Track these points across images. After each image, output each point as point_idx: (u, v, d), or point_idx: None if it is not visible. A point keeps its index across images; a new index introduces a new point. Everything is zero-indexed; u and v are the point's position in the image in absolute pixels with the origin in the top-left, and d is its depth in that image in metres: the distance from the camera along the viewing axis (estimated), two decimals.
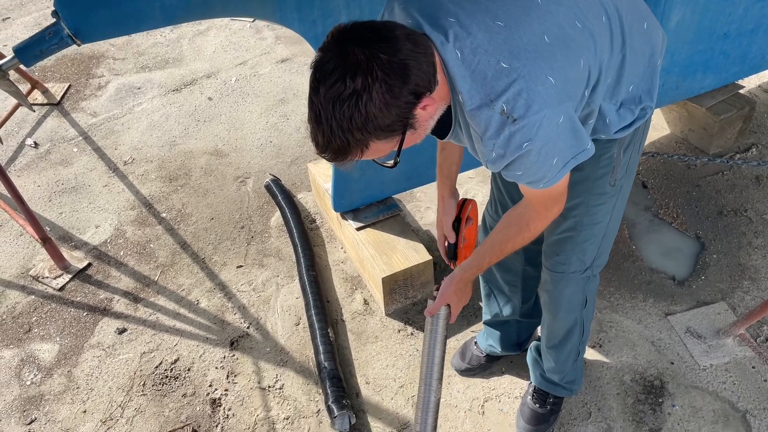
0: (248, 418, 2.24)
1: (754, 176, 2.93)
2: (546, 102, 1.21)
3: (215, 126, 3.49)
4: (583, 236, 1.72)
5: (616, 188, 1.65)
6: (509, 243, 1.57)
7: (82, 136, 3.47)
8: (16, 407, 2.32)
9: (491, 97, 1.21)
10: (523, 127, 1.21)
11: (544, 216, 1.49)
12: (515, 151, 1.25)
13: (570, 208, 1.66)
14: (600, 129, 1.49)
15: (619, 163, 1.60)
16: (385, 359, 2.39)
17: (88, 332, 2.54)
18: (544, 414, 2.12)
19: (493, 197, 1.93)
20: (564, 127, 1.26)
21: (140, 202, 3.08)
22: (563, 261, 1.78)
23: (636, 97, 1.49)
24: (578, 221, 1.69)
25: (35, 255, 2.85)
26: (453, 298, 1.66)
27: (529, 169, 1.30)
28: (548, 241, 1.80)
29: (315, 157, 3.24)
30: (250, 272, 2.73)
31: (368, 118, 1.12)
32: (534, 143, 1.23)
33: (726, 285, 2.53)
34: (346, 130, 1.12)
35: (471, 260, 1.64)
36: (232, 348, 2.45)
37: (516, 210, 1.54)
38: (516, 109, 1.20)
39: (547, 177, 1.32)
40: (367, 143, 1.16)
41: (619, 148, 1.57)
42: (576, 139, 1.29)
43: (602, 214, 1.69)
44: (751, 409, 2.16)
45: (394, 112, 1.14)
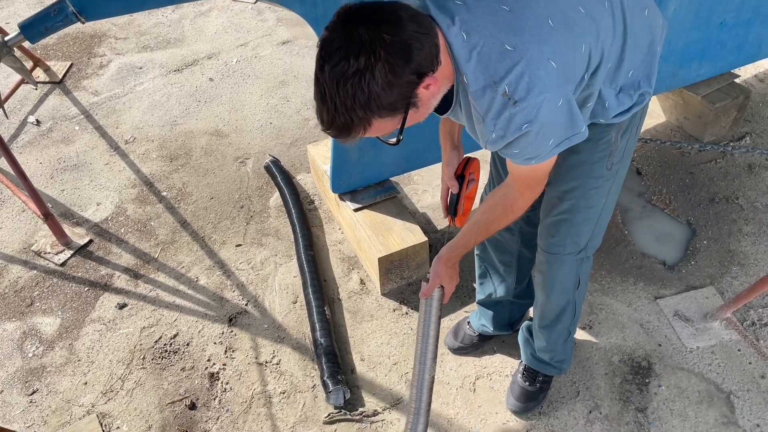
0: (245, 391, 2.30)
1: (746, 164, 2.97)
2: (547, 85, 1.25)
3: (216, 107, 3.52)
4: (579, 219, 1.76)
5: (612, 172, 1.69)
6: (494, 223, 1.62)
7: (84, 114, 3.50)
8: (19, 378, 2.38)
9: (495, 79, 1.24)
10: (523, 109, 1.25)
11: (527, 196, 1.54)
12: (515, 132, 1.29)
13: (567, 190, 1.71)
14: (599, 113, 1.52)
15: (617, 148, 1.64)
16: (380, 337, 2.44)
17: (89, 307, 2.59)
18: (533, 392, 2.17)
19: (491, 178, 1.96)
20: (562, 110, 1.30)
21: (141, 181, 3.12)
22: (558, 243, 1.83)
23: (635, 83, 1.52)
24: (574, 204, 1.73)
25: (37, 231, 2.89)
26: (444, 278, 1.70)
27: (526, 148, 1.34)
28: (544, 223, 1.84)
29: (314, 138, 3.27)
30: (248, 251, 2.78)
31: (371, 97, 1.16)
32: (533, 125, 1.28)
33: (715, 270, 2.58)
34: (350, 108, 1.17)
35: (457, 240, 1.68)
36: (231, 324, 2.50)
37: (499, 191, 1.59)
38: (518, 91, 1.24)
39: (540, 155, 1.37)
40: (370, 121, 1.20)
41: (617, 132, 1.61)
42: (572, 121, 1.34)
43: (598, 197, 1.73)
44: (735, 390, 2.21)
45: (397, 91, 1.18)
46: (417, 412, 1.78)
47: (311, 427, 2.19)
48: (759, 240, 2.67)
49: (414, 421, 1.79)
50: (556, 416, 2.18)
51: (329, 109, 1.18)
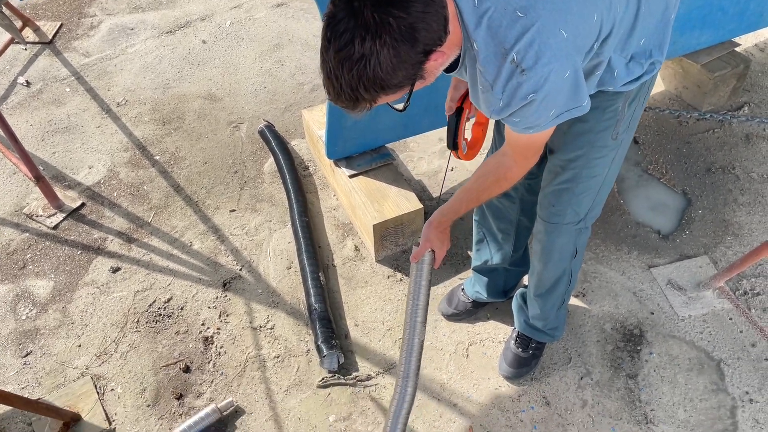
0: (240, 355, 2.31)
1: (744, 134, 2.96)
2: (556, 55, 1.23)
3: (209, 70, 3.46)
4: (581, 188, 1.74)
5: (617, 142, 1.67)
6: (487, 191, 1.61)
7: (75, 76, 3.44)
8: (12, 340, 2.37)
9: (505, 45, 1.22)
10: (530, 78, 1.23)
11: (521, 164, 1.53)
12: (520, 101, 1.27)
13: (570, 159, 1.69)
14: (607, 81, 1.50)
15: (623, 117, 1.61)
16: (374, 303, 2.45)
17: (83, 270, 2.58)
18: (526, 358, 2.19)
19: (494, 143, 1.94)
20: (568, 81, 1.28)
21: (133, 144, 3.08)
22: (559, 212, 1.81)
23: (647, 51, 1.49)
24: (577, 173, 1.71)
25: (29, 194, 2.86)
26: (435, 243, 1.70)
27: (527, 118, 1.33)
28: (545, 192, 1.83)
29: (309, 103, 3.23)
30: (242, 216, 2.76)
31: (376, 80, 1.15)
32: (538, 94, 1.26)
33: (709, 240, 2.58)
34: (355, 89, 1.16)
35: (449, 205, 1.67)
36: (225, 289, 2.50)
37: (494, 159, 1.58)
38: (526, 59, 1.22)
39: (539, 125, 1.36)
40: (375, 99, 1.21)
41: (624, 101, 1.58)
42: (576, 94, 1.32)
43: (601, 167, 1.71)
44: (726, 358, 2.24)
45: (402, 73, 1.17)
46: (406, 375, 1.78)
47: (305, 391, 2.21)
48: (754, 210, 2.67)
49: (403, 385, 1.79)
50: (547, 382, 2.20)
51: (335, 86, 1.18)
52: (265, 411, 2.16)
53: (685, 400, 2.15)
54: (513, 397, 2.17)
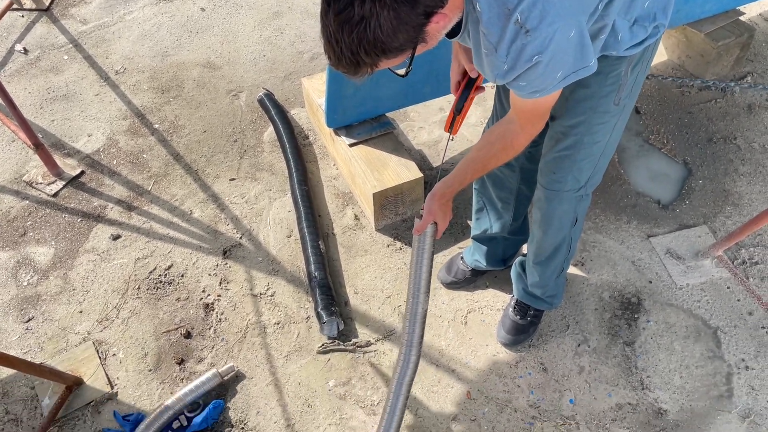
0: (240, 322, 2.33)
1: (746, 104, 2.94)
2: (560, 14, 1.21)
3: (208, 38, 3.43)
4: (582, 155, 1.73)
5: (619, 108, 1.65)
6: (492, 159, 1.60)
7: (72, 43, 3.41)
8: (14, 306, 2.39)
9: (508, 6, 1.20)
10: (535, 39, 1.21)
11: (528, 131, 1.51)
12: (525, 63, 1.25)
13: (572, 125, 1.67)
14: (611, 45, 1.48)
15: (626, 82, 1.60)
16: (374, 271, 2.46)
17: (83, 237, 2.59)
18: (524, 325, 2.21)
19: (495, 113, 1.93)
20: (573, 41, 1.26)
21: (132, 113, 3.06)
22: (559, 179, 1.81)
23: (651, 14, 1.47)
24: (579, 140, 1.70)
25: (28, 161, 2.86)
26: (438, 214, 1.69)
27: (533, 81, 1.31)
28: (546, 159, 1.82)
29: (309, 72, 3.21)
30: (242, 185, 2.76)
31: (376, 43, 1.14)
32: (544, 56, 1.24)
33: (709, 210, 2.58)
34: (355, 53, 1.15)
35: (452, 176, 1.66)
36: (225, 257, 2.51)
37: (499, 127, 1.56)
38: (530, 19, 1.20)
39: (546, 88, 1.34)
40: (376, 63, 1.19)
41: (627, 66, 1.56)
42: (582, 54, 1.30)
43: (603, 133, 1.70)
44: (722, 326, 2.26)
45: (403, 35, 1.15)
46: (410, 344, 1.81)
47: (305, 357, 2.23)
48: (754, 180, 2.67)
49: (407, 353, 1.82)
50: (545, 349, 2.22)
51: (335, 51, 1.17)
52: (266, 376, 2.19)
53: (681, 366, 2.17)
54: (511, 364, 2.19)
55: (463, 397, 2.12)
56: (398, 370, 1.82)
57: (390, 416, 1.83)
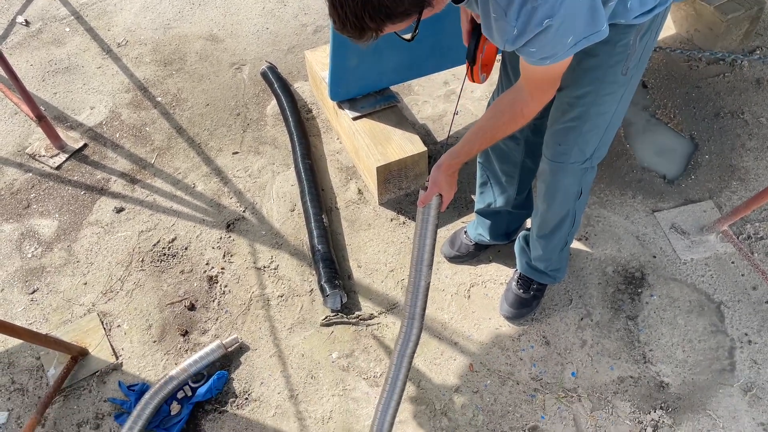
0: (244, 294, 2.33)
1: (755, 79, 2.91)
2: None
3: (210, 10, 3.39)
4: (588, 126, 1.71)
5: (627, 77, 1.63)
6: (500, 129, 1.57)
7: (74, 15, 3.38)
8: (19, 278, 2.40)
9: None
10: (546, 2, 1.19)
11: (538, 99, 1.49)
12: (535, 27, 1.23)
13: (579, 96, 1.65)
14: (619, 13, 1.45)
15: (634, 51, 1.57)
16: (377, 245, 2.46)
17: (87, 210, 2.59)
18: (527, 299, 2.21)
19: (500, 84, 1.91)
20: (585, 4, 1.24)
21: (135, 86, 3.04)
22: (565, 151, 1.79)
23: None
24: (585, 110, 1.68)
25: (31, 134, 2.85)
26: (444, 186, 1.67)
27: (544, 46, 1.29)
28: (552, 130, 1.79)
29: (312, 45, 3.18)
30: (245, 159, 2.75)
31: (381, 8, 1.13)
32: (554, 19, 1.22)
33: (715, 185, 2.57)
34: (360, 17, 1.14)
35: (460, 147, 1.64)
36: (229, 230, 2.51)
37: (508, 96, 1.53)
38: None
39: (557, 54, 1.31)
40: (381, 28, 1.18)
41: (636, 34, 1.54)
42: (593, 18, 1.27)
43: (610, 104, 1.68)
44: (726, 300, 2.25)
45: (408, 0, 1.14)
46: (411, 316, 1.81)
47: (308, 329, 2.24)
48: (761, 155, 2.64)
49: (408, 326, 1.82)
50: (548, 323, 2.23)
51: (340, 15, 1.16)
52: (269, 348, 2.20)
53: (684, 341, 2.17)
54: (513, 337, 2.20)
55: (466, 369, 2.13)
56: (400, 343, 1.82)
57: (391, 388, 1.84)
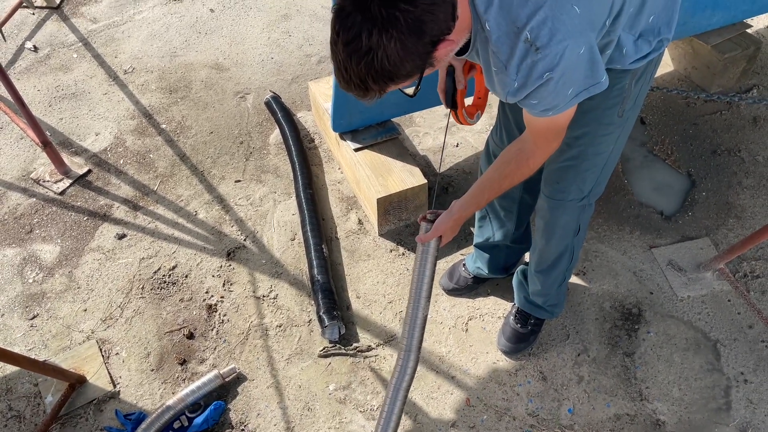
0: (242, 323, 2.34)
1: (751, 117, 2.95)
2: (570, 32, 1.22)
3: (216, 39, 3.45)
4: (586, 165, 1.75)
5: (623, 119, 1.67)
6: (508, 179, 1.60)
7: (82, 42, 3.43)
8: (19, 303, 2.41)
9: (517, 24, 1.22)
10: (546, 56, 1.23)
11: (544, 149, 1.52)
12: (536, 81, 1.26)
13: (576, 137, 1.69)
14: (616, 59, 1.49)
15: (630, 94, 1.61)
16: (376, 276, 2.47)
17: (89, 236, 2.61)
18: (524, 333, 2.22)
19: (499, 123, 1.94)
20: (584, 58, 1.27)
21: (140, 112, 3.08)
22: (563, 189, 1.82)
23: (656, 29, 1.48)
24: (582, 150, 1.71)
25: (36, 159, 2.88)
26: (447, 233, 1.71)
27: (545, 99, 1.32)
28: (550, 169, 1.83)
29: (316, 75, 3.23)
30: (248, 187, 2.78)
31: (383, 72, 1.17)
32: (554, 73, 1.25)
33: (711, 222, 2.59)
34: (364, 80, 1.19)
35: (469, 198, 1.67)
36: (229, 258, 2.53)
37: (515, 146, 1.57)
38: (540, 37, 1.21)
39: (558, 106, 1.35)
40: (384, 89, 1.22)
41: (631, 79, 1.58)
42: (593, 71, 1.31)
43: (606, 144, 1.71)
44: (722, 339, 2.26)
45: (410, 64, 1.18)
46: (408, 349, 1.82)
47: (306, 360, 2.24)
48: (758, 193, 2.67)
49: (405, 358, 1.83)
50: (545, 357, 2.23)
51: (345, 77, 1.20)
52: (267, 378, 2.20)
53: (681, 378, 2.18)
54: (510, 372, 2.20)
55: (463, 404, 2.13)
56: (396, 376, 1.83)
57: (386, 422, 1.84)
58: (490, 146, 2.01)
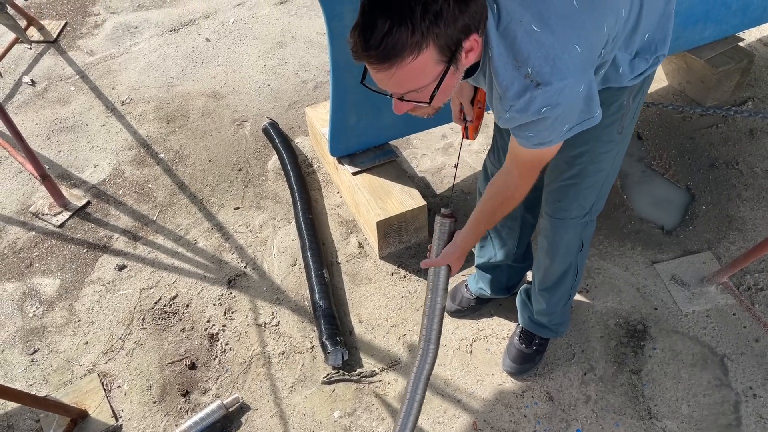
0: (245, 352, 2.32)
1: (747, 129, 2.96)
2: (570, 70, 1.24)
3: (213, 68, 3.47)
4: (587, 183, 1.76)
5: (622, 135, 1.68)
6: (498, 211, 1.64)
7: (79, 74, 3.46)
8: (19, 338, 2.39)
9: (518, 58, 1.23)
10: (545, 92, 1.23)
11: (527, 180, 1.54)
12: (533, 115, 1.27)
13: (576, 155, 1.70)
14: (612, 78, 1.50)
15: (628, 111, 1.63)
16: (378, 300, 2.46)
17: (89, 268, 2.60)
18: (529, 354, 2.20)
19: (495, 144, 1.95)
20: (583, 95, 1.29)
21: (138, 143, 3.09)
22: (564, 207, 1.83)
23: (651, 46, 1.50)
24: (583, 168, 1.72)
25: (35, 192, 2.88)
26: (455, 263, 1.72)
27: (540, 132, 1.33)
28: (550, 189, 1.84)
29: (312, 101, 3.24)
30: (247, 214, 2.78)
31: (438, 18, 1.10)
32: (553, 110, 1.26)
33: (713, 235, 2.58)
34: (417, 23, 1.10)
35: (468, 231, 1.69)
36: (230, 286, 2.52)
37: (499, 179, 1.59)
38: (541, 74, 1.22)
39: (552, 140, 1.37)
40: (420, 49, 1.13)
41: (629, 96, 1.59)
42: (588, 107, 1.32)
43: (607, 161, 1.73)
44: (729, 353, 2.24)
45: (450, 31, 1.13)
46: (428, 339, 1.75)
47: (310, 387, 2.22)
48: (757, 205, 2.67)
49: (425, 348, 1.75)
50: (551, 378, 2.21)
51: (390, 21, 1.10)
52: (271, 407, 2.18)
53: (689, 395, 2.15)
54: (517, 393, 2.18)
55: (470, 427, 2.11)
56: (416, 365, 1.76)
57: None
58: (488, 167, 2.02)
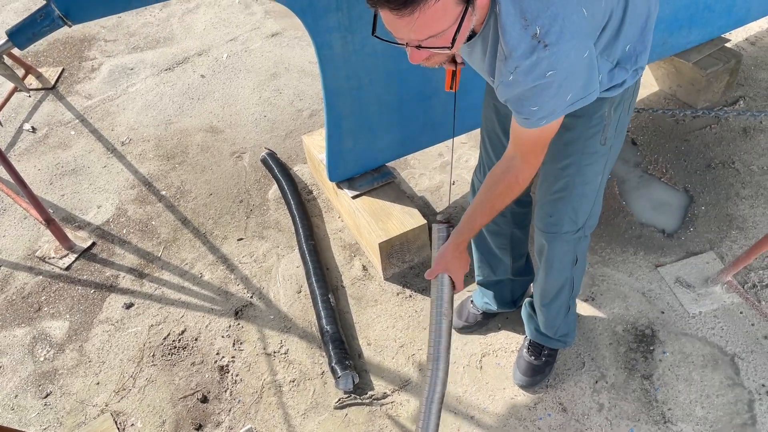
0: (256, 382, 2.33)
1: (741, 128, 2.98)
2: (578, 32, 1.24)
3: (209, 103, 3.52)
4: (575, 195, 1.76)
5: (606, 147, 1.68)
6: (498, 200, 1.59)
7: (79, 118, 3.52)
8: (32, 382, 2.41)
9: (526, 16, 1.22)
10: (553, 54, 1.23)
11: (531, 164, 1.52)
12: (537, 78, 1.26)
13: (562, 168, 1.71)
14: None
15: (610, 122, 1.63)
16: (385, 321, 2.46)
17: (97, 308, 2.62)
18: (539, 365, 2.20)
19: (481, 161, 1.97)
20: (586, 63, 1.29)
21: (139, 181, 3.13)
22: (556, 222, 1.83)
23: (632, 57, 1.51)
24: (569, 181, 1.73)
25: (40, 237, 2.91)
26: (452, 265, 1.67)
27: (546, 103, 1.31)
28: (541, 203, 1.85)
29: (309, 129, 3.28)
30: (250, 244, 2.80)
31: None
32: (558, 74, 1.25)
33: (714, 235, 2.59)
34: None
35: (463, 225, 1.66)
36: (237, 317, 2.53)
37: (500, 167, 1.57)
38: (550, 34, 1.22)
39: (556, 112, 1.35)
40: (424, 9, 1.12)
41: (609, 106, 1.60)
42: (590, 79, 1.33)
43: (593, 173, 1.73)
44: (739, 352, 2.24)
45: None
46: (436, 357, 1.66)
47: (322, 413, 2.22)
48: (756, 203, 2.68)
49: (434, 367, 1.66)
50: (563, 388, 2.21)
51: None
52: None
53: (702, 396, 2.14)
54: (529, 406, 2.17)
55: None
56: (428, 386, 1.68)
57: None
58: (475, 184, 2.04)
